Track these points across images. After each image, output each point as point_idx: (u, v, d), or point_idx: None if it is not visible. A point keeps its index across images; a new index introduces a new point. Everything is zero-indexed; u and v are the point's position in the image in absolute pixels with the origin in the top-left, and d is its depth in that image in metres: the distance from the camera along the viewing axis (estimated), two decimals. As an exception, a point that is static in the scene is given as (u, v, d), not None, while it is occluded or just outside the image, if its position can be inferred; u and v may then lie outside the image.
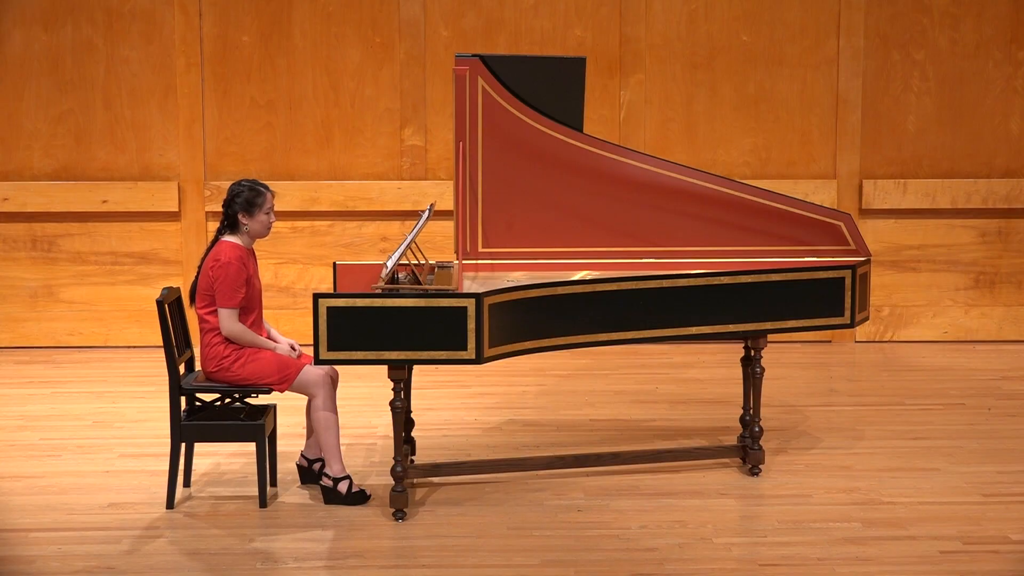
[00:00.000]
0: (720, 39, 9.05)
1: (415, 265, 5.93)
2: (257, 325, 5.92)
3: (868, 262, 6.35)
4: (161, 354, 5.86)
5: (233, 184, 5.88)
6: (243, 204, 5.81)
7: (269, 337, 5.96)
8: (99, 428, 7.08)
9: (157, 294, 5.98)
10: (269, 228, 5.92)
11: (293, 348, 5.95)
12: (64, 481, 6.20)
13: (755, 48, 9.06)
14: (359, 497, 5.84)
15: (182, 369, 5.96)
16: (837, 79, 9.06)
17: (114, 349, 8.98)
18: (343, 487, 5.83)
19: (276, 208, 5.99)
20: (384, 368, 5.57)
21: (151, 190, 8.79)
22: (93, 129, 8.94)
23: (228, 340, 5.78)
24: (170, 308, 5.84)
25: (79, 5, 8.84)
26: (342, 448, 6.14)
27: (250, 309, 5.88)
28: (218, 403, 5.91)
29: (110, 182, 8.91)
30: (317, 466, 6.05)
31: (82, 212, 8.91)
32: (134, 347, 8.97)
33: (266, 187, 5.89)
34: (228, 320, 5.77)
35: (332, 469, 5.83)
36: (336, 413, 5.84)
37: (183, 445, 5.88)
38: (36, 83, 8.87)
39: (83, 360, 8.70)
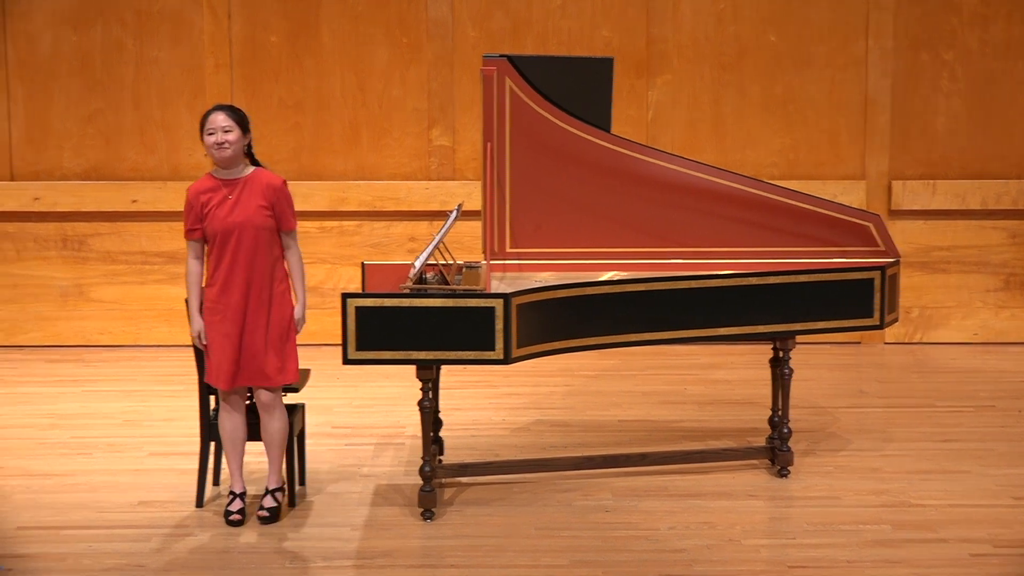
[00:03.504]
0: (748, 39, 9.03)
1: (443, 265, 5.94)
2: (240, 263, 5.51)
3: (897, 263, 6.33)
4: (191, 353, 5.88)
5: None
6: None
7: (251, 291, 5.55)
8: (129, 427, 7.12)
9: (186, 293, 5.99)
10: (213, 148, 5.50)
11: (199, 337, 5.60)
12: (94, 479, 6.23)
13: (783, 48, 9.03)
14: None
15: (211, 368, 5.96)
16: (866, 80, 9.03)
17: (144, 348, 9.02)
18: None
19: (306, 208, 5.89)
20: (412, 368, 5.58)
21: (181, 190, 8.83)
22: (123, 129, 8.99)
23: None
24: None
25: (109, 6, 8.89)
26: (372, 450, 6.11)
27: (220, 245, 5.52)
28: (247, 402, 5.92)
29: (140, 182, 8.96)
30: None
31: (112, 212, 8.95)
32: (164, 346, 9.01)
33: (216, 106, 5.59)
34: (187, 252, 5.62)
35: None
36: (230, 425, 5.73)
37: (212, 444, 5.90)
38: (66, 84, 8.92)
39: (113, 359, 8.74)
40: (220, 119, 5.53)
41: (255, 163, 5.66)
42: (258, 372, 5.56)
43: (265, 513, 5.64)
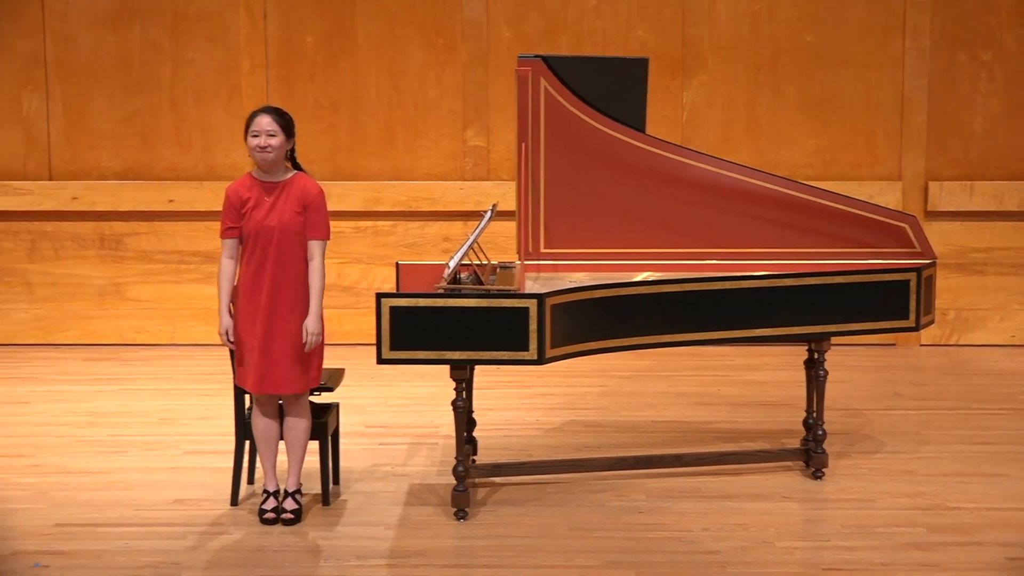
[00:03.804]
0: (784, 40, 9.00)
1: (477, 265, 5.95)
2: (270, 267, 5.50)
3: (934, 264, 6.29)
4: (226, 352, 5.91)
5: None
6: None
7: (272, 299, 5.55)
8: (165, 425, 7.16)
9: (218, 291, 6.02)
10: (256, 150, 5.50)
11: (226, 334, 5.59)
12: (131, 477, 6.27)
13: (819, 49, 9.00)
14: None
15: (247, 367, 5.99)
16: (903, 80, 8.99)
17: (180, 347, 9.08)
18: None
19: (341, 208, 5.87)
20: (446, 368, 5.59)
21: (217, 190, 8.87)
22: (160, 129, 9.05)
23: None
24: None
25: (146, 8, 8.95)
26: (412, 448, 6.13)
27: (252, 247, 5.53)
28: (281, 401, 5.95)
29: (176, 182, 9.01)
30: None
31: (149, 211, 9.02)
32: (199, 345, 9.06)
33: (261, 109, 5.57)
34: (222, 249, 5.62)
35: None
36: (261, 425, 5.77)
37: (247, 443, 5.93)
38: (104, 84, 8.99)
39: (149, 358, 8.80)
40: (266, 122, 5.51)
41: (297, 167, 5.67)
42: (281, 379, 5.56)
43: (290, 515, 5.66)
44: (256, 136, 5.50)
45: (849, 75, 9.01)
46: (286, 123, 5.55)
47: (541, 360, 5.46)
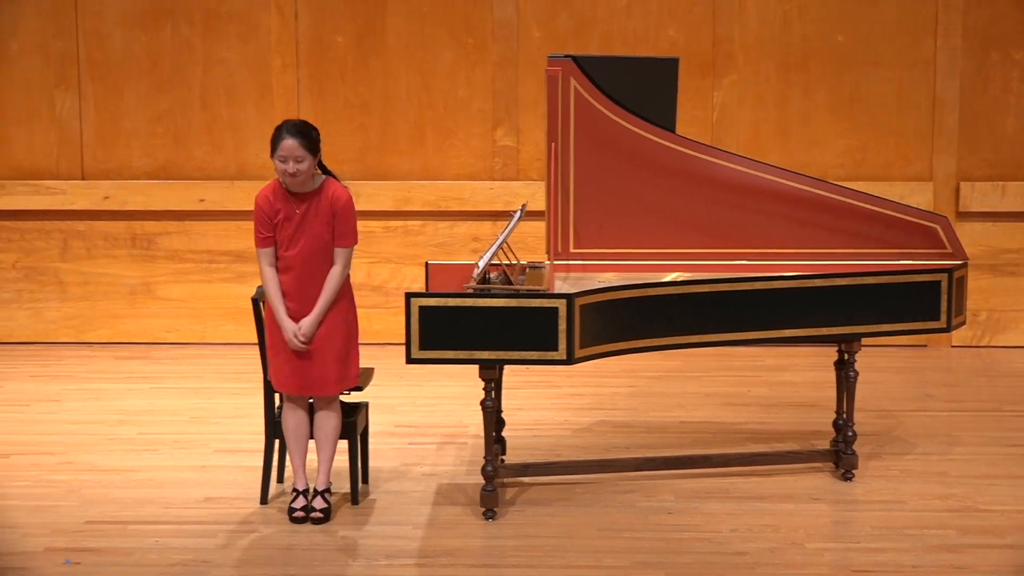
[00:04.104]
0: (815, 39, 8.97)
1: (507, 265, 5.95)
2: (305, 277, 5.57)
3: (965, 265, 6.26)
4: (256, 351, 5.94)
5: None
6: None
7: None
8: (195, 424, 7.19)
9: (252, 292, 6.05)
10: (286, 176, 5.49)
11: (295, 336, 5.56)
12: (161, 475, 6.31)
13: (850, 48, 8.96)
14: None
15: (277, 366, 6.01)
16: (934, 80, 8.94)
17: (210, 346, 9.11)
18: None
19: (371, 208, 5.87)
20: (475, 367, 5.60)
21: (248, 189, 8.90)
22: (191, 129, 9.09)
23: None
24: (265, 306, 5.90)
25: (178, 7, 8.99)
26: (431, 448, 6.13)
27: (285, 257, 5.58)
28: (309, 400, 5.97)
29: (207, 181, 9.05)
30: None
31: (180, 211, 9.06)
32: (230, 344, 9.09)
33: (287, 129, 5.48)
34: (259, 258, 5.61)
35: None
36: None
37: (277, 441, 5.95)
38: (136, 83, 9.04)
39: (180, 356, 8.84)
40: (292, 147, 5.46)
41: (326, 172, 5.69)
42: (319, 380, 5.60)
43: (319, 514, 5.67)
44: (284, 162, 5.49)
45: (880, 75, 8.97)
46: (312, 144, 5.52)
47: (570, 360, 5.47)
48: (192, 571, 5.18)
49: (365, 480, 6.11)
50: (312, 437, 5.76)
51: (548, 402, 7.61)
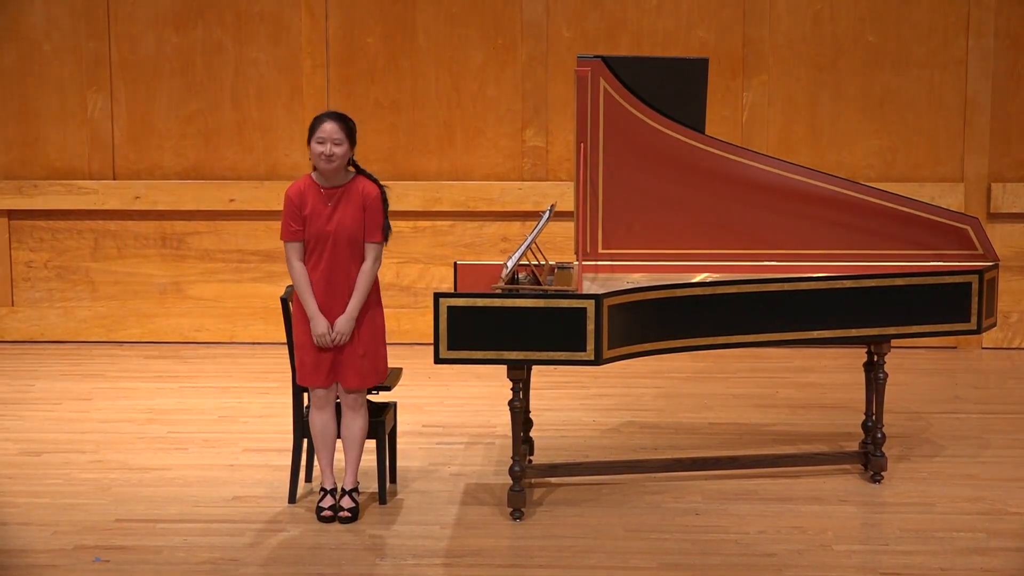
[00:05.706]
0: (845, 39, 8.93)
1: (535, 265, 5.95)
2: (334, 272, 5.57)
3: (996, 267, 6.23)
4: (285, 351, 5.96)
5: None
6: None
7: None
8: (224, 423, 7.22)
9: (282, 291, 6.08)
10: (321, 158, 5.50)
11: (326, 333, 5.56)
12: (190, 474, 6.34)
13: (881, 48, 8.92)
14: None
15: (305, 366, 6.02)
16: (966, 80, 8.89)
17: (239, 345, 9.15)
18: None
19: (400, 208, 5.86)
20: (503, 368, 5.60)
21: (278, 189, 8.93)
22: (222, 129, 9.13)
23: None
24: (294, 302, 5.92)
25: (209, 7, 9.03)
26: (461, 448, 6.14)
27: (315, 251, 5.58)
28: (339, 399, 5.98)
29: (237, 181, 9.09)
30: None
31: (210, 211, 9.09)
32: (259, 343, 9.13)
33: (327, 114, 5.57)
34: (287, 253, 5.61)
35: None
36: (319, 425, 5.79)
37: (305, 441, 5.97)
38: (167, 84, 9.08)
39: (209, 355, 8.88)
40: (333, 130, 5.51)
41: (358, 170, 5.70)
42: (349, 372, 5.62)
43: (347, 514, 5.69)
44: (322, 143, 5.51)
45: (911, 75, 8.92)
46: (350, 131, 5.57)
47: (598, 361, 5.46)
48: (220, 569, 5.21)
49: (393, 480, 6.12)
50: (339, 437, 5.77)
51: (576, 403, 7.60)
